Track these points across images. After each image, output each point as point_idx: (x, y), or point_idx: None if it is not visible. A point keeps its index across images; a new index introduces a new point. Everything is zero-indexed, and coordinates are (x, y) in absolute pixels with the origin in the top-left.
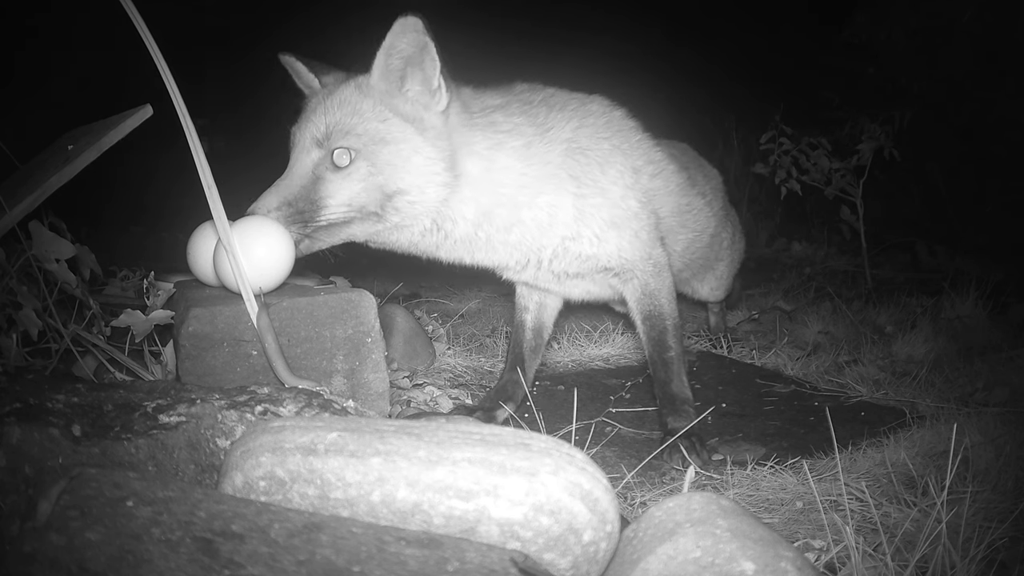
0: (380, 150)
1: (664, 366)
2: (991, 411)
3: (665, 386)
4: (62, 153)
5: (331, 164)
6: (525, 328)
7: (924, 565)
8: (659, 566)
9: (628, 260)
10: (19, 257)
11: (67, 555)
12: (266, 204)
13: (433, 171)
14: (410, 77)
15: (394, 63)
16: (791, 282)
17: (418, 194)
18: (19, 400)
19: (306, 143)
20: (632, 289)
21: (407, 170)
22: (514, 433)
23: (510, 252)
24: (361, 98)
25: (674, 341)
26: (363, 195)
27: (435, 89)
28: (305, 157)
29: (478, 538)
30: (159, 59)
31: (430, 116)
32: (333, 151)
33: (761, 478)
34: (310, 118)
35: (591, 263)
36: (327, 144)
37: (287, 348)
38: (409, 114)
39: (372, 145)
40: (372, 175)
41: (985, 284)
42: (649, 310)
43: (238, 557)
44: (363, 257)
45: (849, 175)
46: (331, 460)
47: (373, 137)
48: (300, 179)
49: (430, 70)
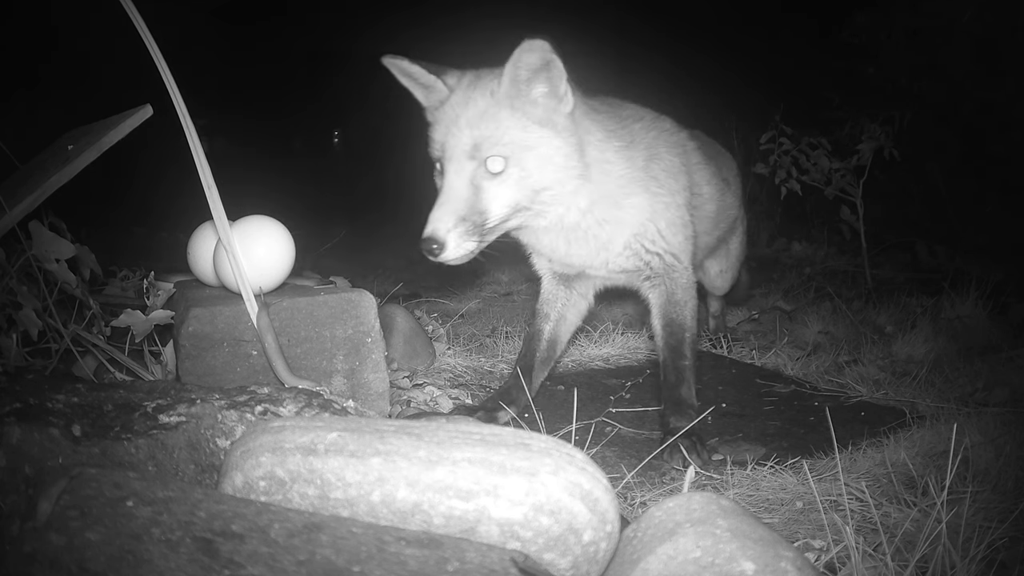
0: (526, 155)
1: (676, 372)
2: (991, 411)
3: (674, 390)
4: (62, 153)
5: (486, 172)
6: (541, 338)
7: (924, 565)
8: (659, 566)
9: (670, 264)
10: (19, 257)
11: (67, 555)
12: (444, 225)
13: (571, 165)
14: (536, 83)
15: (521, 74)
16: (791, 282)
17: (560, 187)
18: (19, 400)
19: (458, 157)
20: (659, 294)
21: (551, 169)
22: (514, 433)
23: (594, 247)
24: (498, 108)
25: (690, 351)
26: (518, 195)
27: (562, 94)
28: (462, 171)
29: (478, 538)
30: (159, 59)
31: (560, 117)
32: (486, 160)
33: (761, 478)
34: (455, 132)
35: (644, 259)
36: (479, 155)
37: (287, 348)
38: (542, 118)
39: (519, 152)
40: (523, 178)
41: (985, 284)
42: (672, 317)
43: (238, 557)
44: (363, 257)
45: (849, 175)
46: (331, 460)
47: (519, 144)
48: (463, 192)
49: (556, 80)
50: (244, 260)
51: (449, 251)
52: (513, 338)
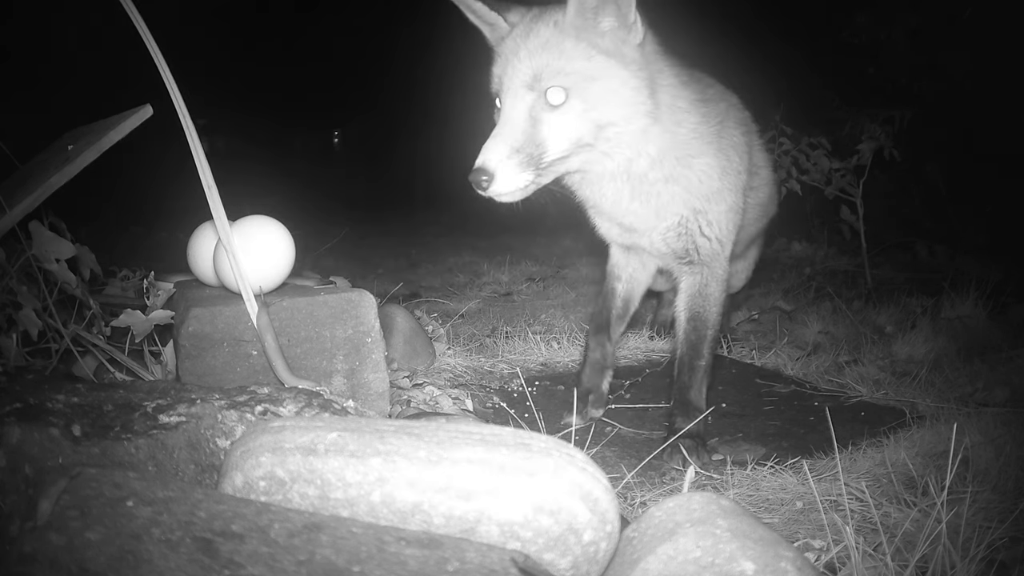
0: (590, 86)
1: (691, 372)
2: (991, 411)
3: (685, 391)
4: (62, 153)
5: (546, 104)
6: (616, 295)
7: (924, 565)
8: (659, 566)
9: (715, 251)
10: (19, 257)
11: (67, 555)
12: (496, 155)
13: (639, 100)
14: (604, 12)
15: (588, 2)
16: (791, 282)
17: (626, 124)
18: (19, 400)
19: (516, 88)
20: (691, 283)
21: (617, 103)
22: (514, 433)
23: (655, 207)
24: (562, 38)
25: (708, 351)
26: (580, 129)
27: (631, 24)
28: (519, 102)
29: (478, 538)
30: (159, 59)
31: (629, 49)
32: (546, 91)
33: (761, 478)
34: (514, 63)
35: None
36: (538, 86)
37: (287, 348)
38: (610, 49)
39: (582, 83)
40: (586, 111)
41: (985, 284)
42: (697, 311)
43: (238, 557)
44: (363, 257)
45: (849, 175)
46: (331, 460)
47: (582, 75)
48: (520, 124)
49: (625, 6)
50: (244, 260)
51: (499, 183)
52: (513, 338)
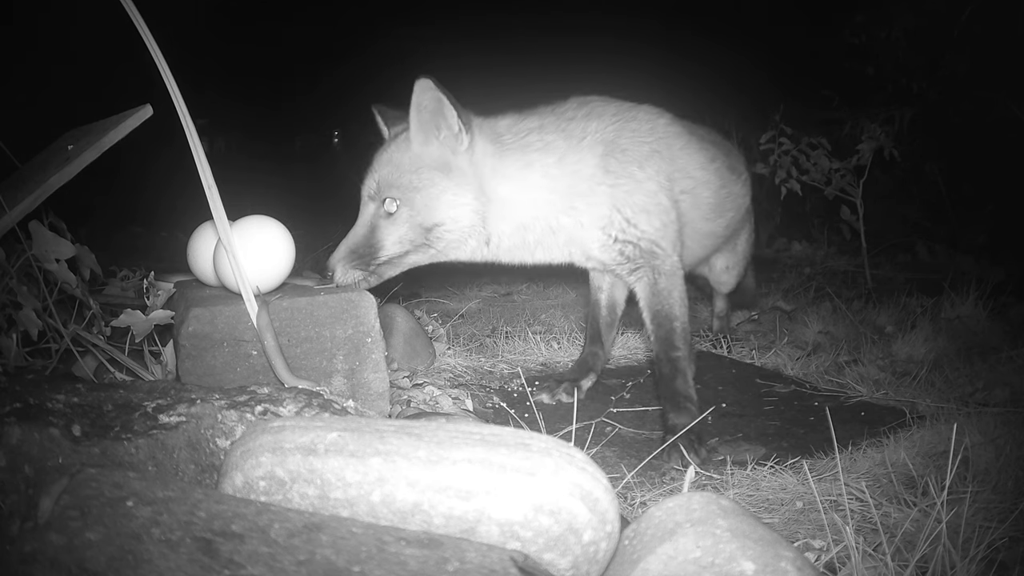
0: (415, 196)
1: (670, 363)
2: (991, 411)
3: (670, 383)
4: (62, 153)
5: (383, 212)
6: (600, 306)
7: (924, 565)
8: (659, 566)
9: (649, 249)
10: (19, 257)
11: (67, 555)
12: (338, 255)
13: (461, 203)
14: (436, 125)
15: (423, 116)
16: (791, 282)
17: (452, 224)
18: (19, 400)
19: (364, 198)
20: (643, 286)
21: (438, 208)
22: (514, 433)
23: (563, 250)
24: (401, 154)
25: (681, 342)
26: (409, 233)
27: (456, 133)
28: (365, 211)
29: (478, 538)
30: (159, 59)
31: (456, 158)
32: (383, 201)
33: (761, 478)
34: (367, 177)
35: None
36: (378, 196)
37: (287, 348)
38: (437, 160)
39: (410, 193)
40: (412, 216)
41: (985, 284)
42: (658, 309)
43: (238, 557)
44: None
45: (849, 175)
46: (331, 460)
47: (410, 186)
48: (362, 229)
49: (449, 118)
50: (244, 260)
51: (336, 277)
52: (513, 338)
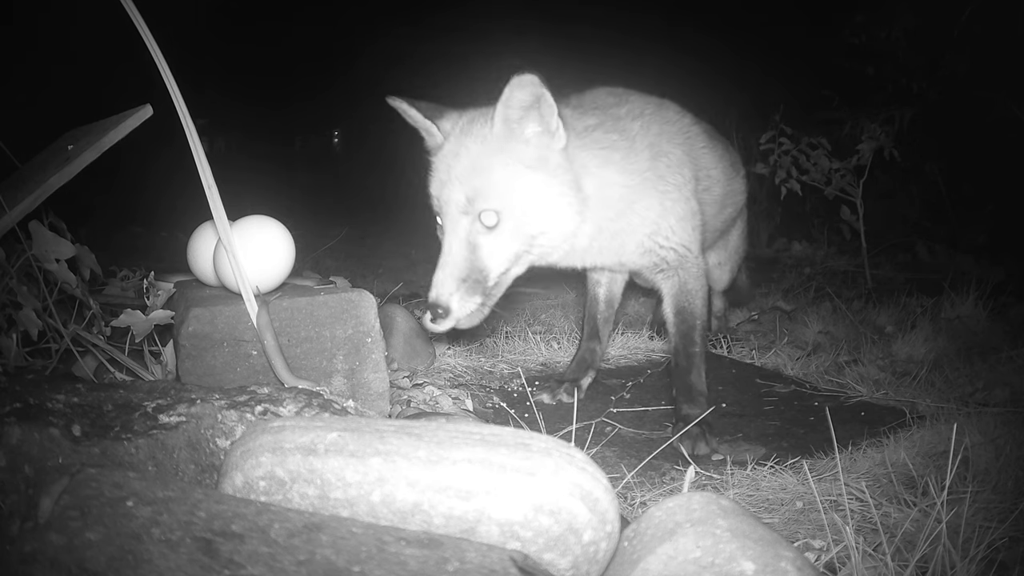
0: (519, 202)
1: (687, 358)
2: (991, 411)
3: (685, 376)
4: (62, 153)
5: (481, 227)
6: (599, 301)
7: (924, 565)
8: (659, 566)
9: (683, 257)
10: (19, 257)
11: (67, 555)
12: (447, 289)
13: (565, 203)
14: (528, 121)
15: (513, 113)
16: (791, 282)
17: (558, 227)
18: (19, 400)
19: (453, 214)
20: (671, 284)
21: (545, 212)
22: (514, 433)
23: (612, 254)
24: (490, 157)
25: (700, 338)
26: (516, 247)
27: (553, 130)
28: (457, 228)
29: (478, 538)
30: (159, 59)
31: (552, 155)
32: (480, 215)
33: (761, 478)
34: (448, 189)
35: (659, 255)
36: (472, 210)
37: (287, 348)
38: (534, 160)
39: (511, 201)
40: (518, 227)
41: (985, 284)
42: (683, 306)
43: (238, 557)
44: (363, 257)
45: (849, 175)
46: (331, 460)
47: (510, 193)
48: (462, 252)
49: (547, 115)
50: (244, 260)
51: (454, 315)
52: (513, 338)
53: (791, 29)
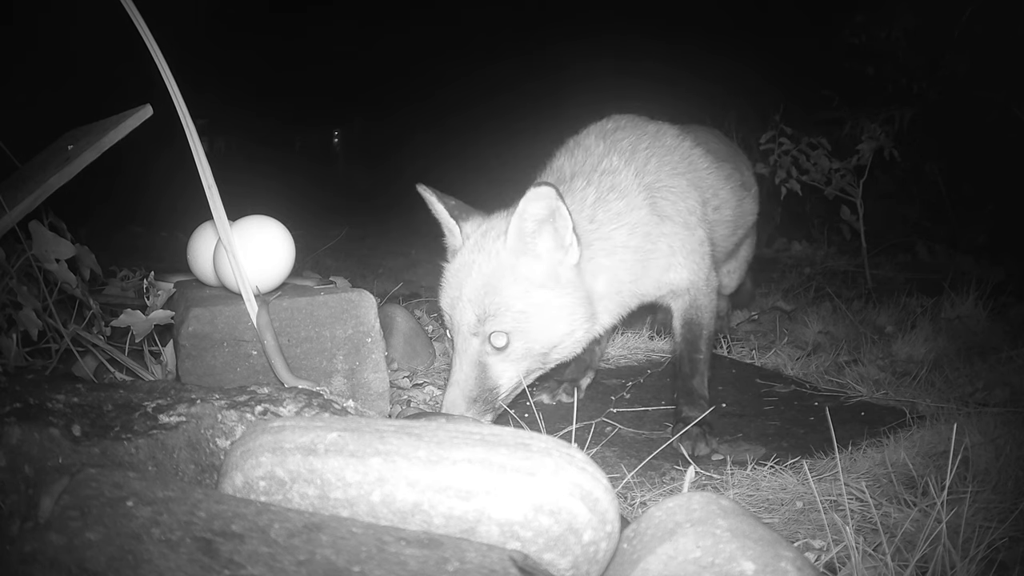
0: (529, 324)
1: (691, 364)
2: (991, 411)
3: (687, 380)
4: (62, 153)
5: (491, 348)
6: None
7: (924, 565)
8: (659, 566)
9: (693, 283)
10: (19, 257)
11: (67, 555)
12: (458, 408)
13: (577, 315)
14: (541, 236)
15: (527, 226)
16: (791, 282)
17: (571, 339)
18: (19, 400)
19: (464, 333)
20: (681, 303)
21: (556, 329)
22: (514, 433)
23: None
24: (500, 275)
25: (705, 347)
26: (525, 364)
27: (567, 245)
28: (468, 347)
29: (478, 538)
30: (159, 59)
31: (564, 270)
32: (489, 336)
33: (761, 478)
34: (459, 307)
35: (670, 288)
36: (482, 331)
37: (287, 348)
38: (545, 276)
39: (521, 323)
40: (528, 346)
41: (985, 284)
42: (691, 317)
43: (238, 557)
44: (363, 257)
45: (849, 175)
46: (331, 460)
47: (520, 314)
48: (472, 372)
49: (562, 228)
50: (244, 260)
51: None
52: None
53: (791, 29)
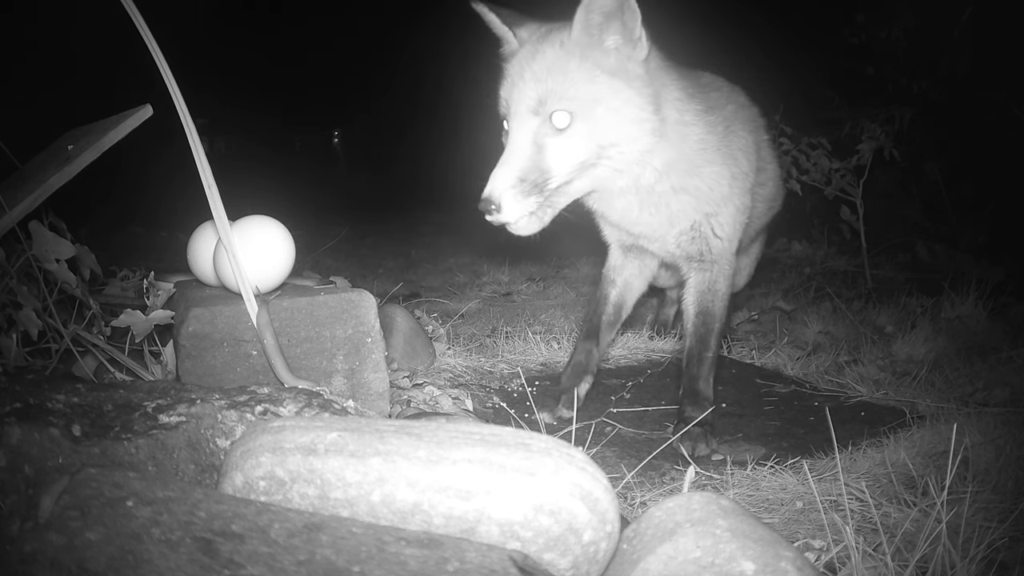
0: (595, 109)
1: (700, 363)
2: (991, 411)
3: (694, 381)
4: (62, 153)
5: (551, 128)
6: (608, 302)
7: (924, 565)
8: (659, 566)
9: (725, 248)
10: (19, 257)
11: (67, 555)
12: (503, 183)
13: (643, 118)
14: (609, 30)
15: (594, 18)
16: (791, 282)
17: (631, 144)
18: (19, 400)
19: (522, 113)
20: (700, 280)
21: (621, 123)
22: (514, 433)
23: (665, 217)
24: (567, 59)
25: (715, 343)
26: (585, 152)
27: (636, 39)
28: (524, 127)
29: (478, 538)
30: (159, 59)
31: (634, 66)
32: (551, 115)
33: (761, 478)
34: (520, 87)
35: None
36: (543, 110)
37: (287, 348)
38: (615, 67)
39: (587, 105)
40: (591, 133)
41: (985, 284)
42: (707, 307)
43: (238, 557)
44: (363, 257)
45: (849, 175)
46: (331, 460)
47: (587, 97)
48: (525, 150)
49: (631, 21)
50: (244, 260)
51: (504, 212)
52: (513, 338)
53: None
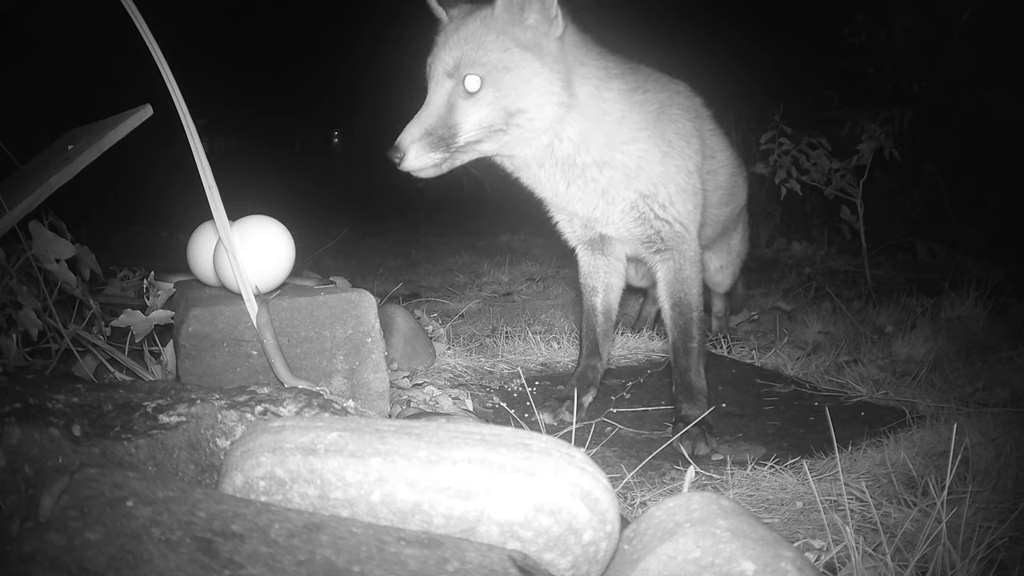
0: (503, 76)
1: (686, 354)
2: (991, 411)
3: (684, 374)
4: (62, 153)
5: (463, 91)
6: (596, 312)
7: (924, 565)
8: (659, 566)
9: (680, 233)
10: (19, 257)
11: (67, 555)
12: (411, 135)
13: (550, 91)
14: (529, 8)
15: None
16: (791, 282)
17: (536, 111)
18: (19, 400)
19: (439, 75)
20: (667, 269)
21: (527, 91)
22: (514, 433)
23: (594, 192)
24: (486, 31)
25: (698, 332)
26: (491, 116)
27: (552, 18)
28: (440, 88)
29: (478, 538)
30: (159, 59)
31: (548, 42)
32: (464, 79)
33: (761, 478)
34: (440, 53)
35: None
36: (457, 74)
37: (287, 348)
38: (529, 42)
39: (496, 72)
40: (498, 98)
41: (985, 284)
42: (679, 297)
43: (238, 557)
44: (363, 257)
45: (849, 175)
46: (331, 460)
47: (497, 65)
48: (438, 108)
49: (549, 3)
50: (244, 260)
51: (409, 160)
52: (513, 338)
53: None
